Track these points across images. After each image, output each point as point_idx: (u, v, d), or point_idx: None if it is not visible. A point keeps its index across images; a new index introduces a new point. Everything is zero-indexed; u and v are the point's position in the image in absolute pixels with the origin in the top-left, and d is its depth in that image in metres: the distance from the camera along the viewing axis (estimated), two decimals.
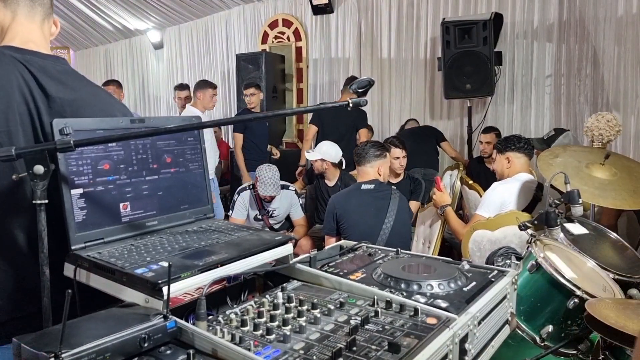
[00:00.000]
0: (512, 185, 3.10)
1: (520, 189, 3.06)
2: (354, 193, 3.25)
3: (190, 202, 1.48)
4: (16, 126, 1.24)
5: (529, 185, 3.07)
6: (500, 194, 3.08)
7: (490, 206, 3.06)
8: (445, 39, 5.13)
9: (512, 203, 3.02)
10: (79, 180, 1.22)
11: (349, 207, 3.19)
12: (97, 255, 1.16)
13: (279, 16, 7.16)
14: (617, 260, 2.28)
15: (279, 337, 0.98)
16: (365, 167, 3.34)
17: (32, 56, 1.33)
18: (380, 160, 3.33)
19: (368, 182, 3.25)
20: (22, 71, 1.28)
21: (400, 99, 6.26)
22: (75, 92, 1.38)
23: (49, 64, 1.35)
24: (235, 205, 4.25)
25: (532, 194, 3.04)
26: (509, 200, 3.04)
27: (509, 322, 1.36)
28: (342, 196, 3.31)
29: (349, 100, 1.21)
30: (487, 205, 3.08)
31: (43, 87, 1.30)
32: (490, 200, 3.10)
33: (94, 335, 0.89)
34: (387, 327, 1.02)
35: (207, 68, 8.18)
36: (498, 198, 3.06)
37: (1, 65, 1.27)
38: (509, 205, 3.01)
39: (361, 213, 3.16)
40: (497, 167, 3.32)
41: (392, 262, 1.41)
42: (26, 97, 1.27)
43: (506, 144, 3.28)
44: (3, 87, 1.24)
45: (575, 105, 5.17)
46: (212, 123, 1.95)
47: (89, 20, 8.49)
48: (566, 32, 5.17)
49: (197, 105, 5.32)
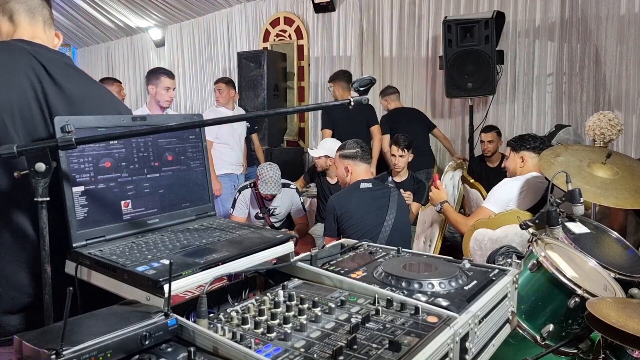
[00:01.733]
0: (522, 183, 3.09)
1: (530, 188, 3.06)
2: (354, 192, 3.24)
3: (192, 200, 1.48)
4: (22, 112, 1.26)
5: (540, 185, 3.07)
6: (510, 189, 3.08)
7: (498, 201, 3.06)
8: (447, 37, 5.12)
9: (520, 200, 3.02)
10: (81, 177, 1.22)
11: (349, 207, 3.18)
12: (98, 253, 1.16)
13: (280, 14, 7.16)
14: (618, 259, 2.28)
15: (279, 335, 0.98)
16: (360, 164, 3.34)
17: (40, 49, 1.35)
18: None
19: (366, 181, 3.24)
20: (31, 60, 1.30)
21: (401, 97, 6.23)
22: (81, 86, 1.39)
23: (56, 57, 1.38)
24: (236, 203, 4.25)
25: (542, 193, 3.03)
26: (517, 197, 3.03)
27: (509, 321, 1.36)
28: (342, 196, 3.29)
29: (351, 98, 1.21)
30: (495, 200, 3.08)
31: (52, 76, 1.31)
32: (499, 195, 3.10)
33: (95, 333, 0.89)
34: (388, 326, 1.02)
35: (208, 66, 8.18)
36: (507, 194, 3.06)
37: (10, 54, 1.29)
38: (516, 202, 3.01)
39: (362, 212, 3.15)
40: (510, 164, 3.30)
41: (393, 261, 1.41)
42: (34, 84, 1.28)
43: (521, 142, 3.25)
44: (10, 72, 1.26)
45: (576, 104, 5.16)
46: (213, 121, 1.95)
47: (91, 17, 8.49)
48: (568, 31, 5.16)
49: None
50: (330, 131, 5.20)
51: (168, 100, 4.28)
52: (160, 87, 4.23)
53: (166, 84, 4.25)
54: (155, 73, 4.36)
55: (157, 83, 4.24)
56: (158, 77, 4.26)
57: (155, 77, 4.27)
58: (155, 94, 4.26)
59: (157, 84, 4.24)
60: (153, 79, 4.27)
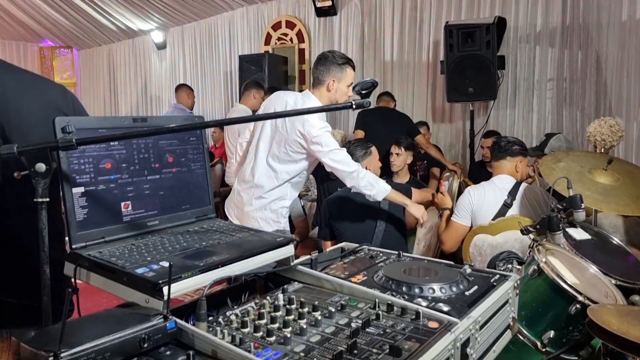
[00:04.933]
0: (480, 190, 3.06)
1: (491, 192, 3.03)
2: (346, 197, 3.23)
3: (192, 202, 1.47)
4: None
5: (498, 192, 3.02)
6: (467, 198, 3.06)
7: (460, 211, 3.06)
8: (448, 42, 5.12)
9: (483, 206, 2.99)
10: (81, 179, 1.22)
11: (341, 212, 3.18)
12: (97, 255, 1.15)
13: (282, 18, 7.17)
14: (620, 266, 2.27)
15: (279, 339, 0.98)
16: None
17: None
18: (367, 159, 3.31)
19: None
20: None
21: (402, 101, 6.25)
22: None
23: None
24: None
25: (503, 198, 2.98)
26: (479, 204, 3.01)
27: (510, 327, 1.35)
28: (334, 201, 3.29)
29: (353, 101, 1.20)
30: (458, 210, 3.09)
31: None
32: (460, 204, 3.10)
33: (94, 335, 0.88)
34: (389, 331, 1.02)
35: (209, 69, 8.19)
36: (466, 202, 3.05)
37: None
38: (481, 210, 2.99)
39: (353, 217, 3.15)
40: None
41: (393, 265, 1.41)
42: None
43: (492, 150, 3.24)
44: None
45: (577, 110, 5.16)
46: (214, 123, 1.95)
47: (93, 20, 8.51)
48: (569, 37, 5.16)
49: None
50: (362, 132, 5.13)
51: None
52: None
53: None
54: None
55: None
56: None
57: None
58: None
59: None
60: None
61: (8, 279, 1.34)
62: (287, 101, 2.90)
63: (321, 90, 2.87)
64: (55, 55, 9.92)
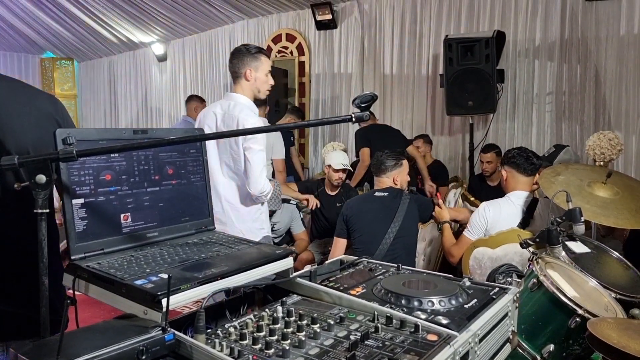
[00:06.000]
0: (496, 207, 3.02)
1: (502, 211, 2.99)
2: (367, 199, 3.39)
3: (191, 214, 1.47)
4: None
5: (514, 209, 3.00)
6: (482, 216, 3.03)
7: (474, 228, 3.05)
8: (447, 55, 5.15)
9: (498, 224, 2.96)
10: (81, 190, 1.22)
11: (359, 211, 3.27)
12: (96, 266, 1.15)
13: (282, 31, 7.21)
14: (619, 279, 2.26)
15: (277, 351, 0.97)
16: (381, 178, 3.40)
17: None
18: (397, 170, 3.37)
19: (382, 190, 3.34)
20: None
21: (402, 115, 6.27)
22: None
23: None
24: None
25: (519, 216, 2.96)
26: (494, 221, 2.98)
27: (510, 340, 1.35)
28: (356, 200, 3.44)
29: (352, 115, 1.21)
30: (471, 227, 3.07)
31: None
32: (473, 221, 3.07)
33: (92, 347, 0.88)
34: (388, 343, 1.01)
35: (210, 81, 8.23)
36: (480, 220, 3.03)
37: None
38: (496, 226, 2.96)
39: (369, 218, 3.23)
40: (501, 178, 3.25)
41: (392, 278, 1.41)
42: None
43: (507, 155, 3.10)
44: None
45: (576, 123, 5.18)
46: (214, 135, 1.96)
47: (94, 32, 8.56)
48: (568, 51, 5.20)
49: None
50: (368, 149, 5.13)
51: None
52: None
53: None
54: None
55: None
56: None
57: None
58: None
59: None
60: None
61: (5, 288, 1.33)
62: (215, 112, 2.84)
63: (241, 83, 2.86)
64: (56, 66, 9.98)
